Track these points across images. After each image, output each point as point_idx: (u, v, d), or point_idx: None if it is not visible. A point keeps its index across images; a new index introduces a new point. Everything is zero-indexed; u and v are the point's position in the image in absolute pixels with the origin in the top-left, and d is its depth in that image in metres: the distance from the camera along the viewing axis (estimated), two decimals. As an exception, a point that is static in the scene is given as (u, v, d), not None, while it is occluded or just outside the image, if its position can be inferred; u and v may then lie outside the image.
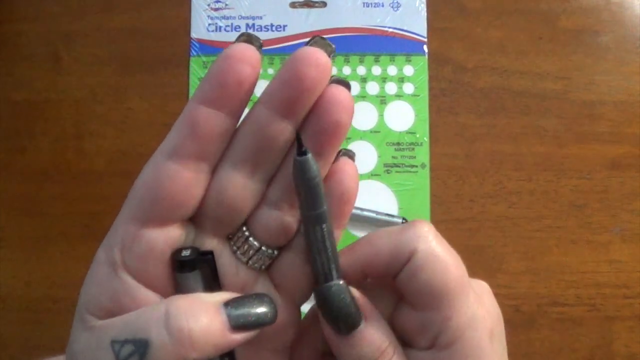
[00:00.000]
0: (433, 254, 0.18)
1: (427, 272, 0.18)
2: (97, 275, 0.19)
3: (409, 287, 0.19)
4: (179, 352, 0.16)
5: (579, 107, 0.47)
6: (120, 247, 0.18)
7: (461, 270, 0.19)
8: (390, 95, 0.47)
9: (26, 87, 0.48)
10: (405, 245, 0.19)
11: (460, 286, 0.18)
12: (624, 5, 0.48)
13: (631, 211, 0.46)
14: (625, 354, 0.44)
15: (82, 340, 0.18)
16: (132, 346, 0.16)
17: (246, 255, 0.20)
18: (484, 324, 0.18)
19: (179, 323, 0.16)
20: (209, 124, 0.17)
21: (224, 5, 0.48)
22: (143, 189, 0.19)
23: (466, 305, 0.18)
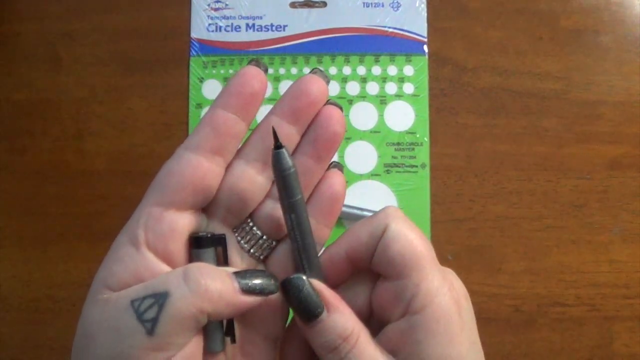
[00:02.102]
0: (401, 229, 0.21)
1: (397, 243, 0.21)
2: (119, 253, 0.20)
3: (383, 260, 0.21)
4: (196, 303, 0.18)
5: (579, 107, 0.47)
6: (144, 228, 0.20)
7: (428, 249, 0.21)
8: (390, 95, 0.47)
9: (26, 87, 0.48)
10: (378, 224, 0.22)
11: (427, 258, 0.21)
12: (624, 5, 0.48)
13: (631, 211, 0.46)
14: (625, 354, 0.44)
15: (97, 310, 0.19)
16: (151, 299, 0.18)
17: (249, 244, 0.23)
18: (450, 296, 0.20)
19: (197, 278, 0.19)
20: (227, 124, 0.21)
21: (224, 5, 0.48)
22: (167, 177, 0.21)
23: (434, 275, 0.20)
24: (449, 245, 0.45)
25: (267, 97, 0.47)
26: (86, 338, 0.19)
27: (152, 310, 0.18)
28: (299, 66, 0.47)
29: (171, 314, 0.18)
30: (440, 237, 0.45)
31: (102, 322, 0.19)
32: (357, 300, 0.22)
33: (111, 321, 0.19)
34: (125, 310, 0.18)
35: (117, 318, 0.18)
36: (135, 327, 0.18)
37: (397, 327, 0.20)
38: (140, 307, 0.18)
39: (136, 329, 0.18)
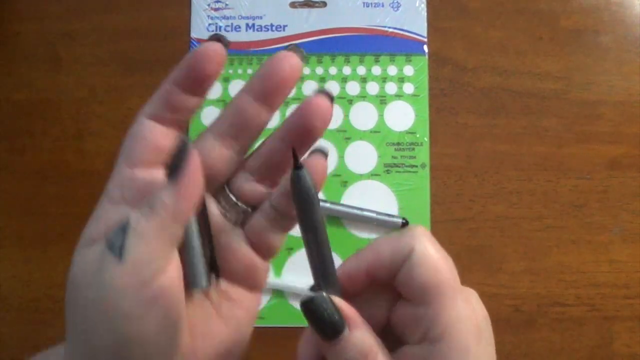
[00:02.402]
0: (428, 254, 0.20)
1: (421, 269, 0.20)
2: (99, 212, 0.22)
3: (406, 283, 0.20)
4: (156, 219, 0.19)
5: (579, 107, 0.47)
6: (120, 187, 0.21)
7: (452, 273, 0.21)
8: (390, 95, 0.47)
9: (26, 87, 0.48)
10: (403, 246, 0.21)
11: (450, 286, 0.20)
12: (624, 5, 0.48)
13: (631, 211, 0.46)
14: (625, 354, 0.44)
15: (80, 259, 0.20)
16: (114, 233, 0.19)
17: (224, 209, 0.24)
18: (471, 323, 0.20)
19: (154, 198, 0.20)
20: (179, 99, 0.23)
21: (224, 5, 0.48)
22: (129, 140, 0.23)
23: (455, 304, 0.20)
24: (449, 245, 0.45)
25: (267, 97, 0.47)
26: (69, 283, 0.20)
27: (118, 239, 0.19)
28: (299, 66, 0.47)
29: (134, 235, 0.19)
30: (440, 237, 0.45)
31: (81, 265, 0.20)
32: (375, 314, 0.22)
33: (89, 262, 0.20)
34: (101, 248, 0.19)
35: (95, 257, 0.19)
36: (107, 258, 0.19)
37: (414, 351, 0.20)
38: (110, 240, 0.19)
39: (108, 260, 0.19)
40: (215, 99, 0.47)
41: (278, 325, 0.45)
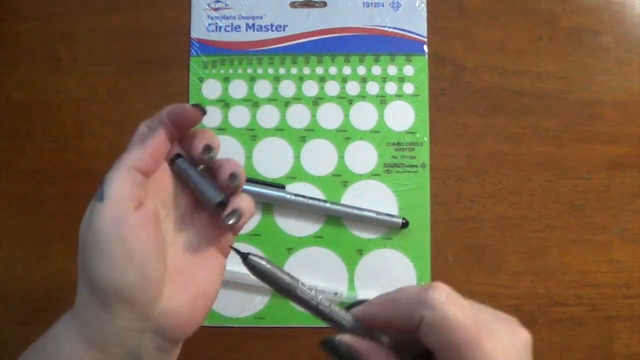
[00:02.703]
0: (438, 322, 0.21)
1: (434, 336, 0.21)
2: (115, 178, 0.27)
3: (426, 343, 0.22)
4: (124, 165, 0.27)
5: (579, 107, 0.47)
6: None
7: (468, 328, 0.21)
8: (390, 95, 0.47)
9: (26, 87, 0.48)
10: (414, 312, 0.22)
11: (468, 342, 0.21)
12: (624, 5, 0.48)
13: (631, 211, 0.46)
14: (625, 354, 0.44)
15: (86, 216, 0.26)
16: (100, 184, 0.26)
17: None
18: None
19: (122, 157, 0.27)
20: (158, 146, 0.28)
21: (224, 5, 0.48)
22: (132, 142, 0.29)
23: (477, 353, 0.21)
24: (449, 246, 0.45)
25: (268, 97, 0.47)
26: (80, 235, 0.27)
27: (99, 190, 0.26)
28: (299, 66, 0.47)
29: (109, 183, 0.26)
30: (440, 237, 0.45)
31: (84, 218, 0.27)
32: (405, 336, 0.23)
33: (86, 212, 0.26)
34: (90, 205, 0.26)
35: (87, 212, 0.26)
36: (94, 203, 0.26)
37: None
38: (97, 192, 0.26)
39: (94, 205, 0.25)
40: (216, 99, 0.47)
41: (278, 325, 0.45)
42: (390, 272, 0.45)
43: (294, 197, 0.45)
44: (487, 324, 0.22)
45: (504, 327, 0.23)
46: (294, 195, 0.45)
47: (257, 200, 0.45)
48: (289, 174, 0.46)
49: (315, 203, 0.45)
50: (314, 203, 0.45)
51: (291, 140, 0.47)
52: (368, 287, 0.45)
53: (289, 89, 0.47)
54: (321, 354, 0.47)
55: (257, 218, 0.46)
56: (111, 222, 0.25)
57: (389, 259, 0.45)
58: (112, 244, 0.25)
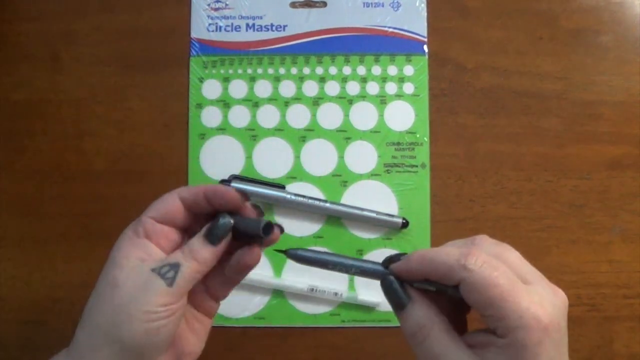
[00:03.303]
0: (475, 283, 0.24)
1: (472, 295, 0.24)
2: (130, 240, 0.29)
3: (466, 300, 0.24)
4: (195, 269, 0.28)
5: (579, 107, 0.47)
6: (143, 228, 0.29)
7: (502, 285, 0.24)
8: (390, 95, 0.47)
9: (26, 87, 0.48)
10: (452, 275, 0.24)
11: (502, 297, 0.23)
12: (624, 5, 0.48)
13: (631, 211, 0.46)
14: (625, 354, 0.44)
15: (122, 271, 0.27)
16: (168, 267, 0.27)
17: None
18: (533, 322, 0.23)
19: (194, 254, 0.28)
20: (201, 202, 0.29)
21: (224, 5, 0.48)
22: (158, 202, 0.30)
23: (513, 311, 0.23)
24: (449, 245, 0.45)
25: (268, 97, 0.47)
26: (112, 288, 0.27)
27: (171, 273, 0.27)
28: (299, 66, 0.47)
29: (183, 274, 0.27)
30: (440, 237, 0.45)
31: (127, 278, 0.27)
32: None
33: (136, 279, 0.27)
34: (148, 273, 0.27)
35: (141, 278, 0.27)
36: (159, 281, 0.27)
37: (480, 336, 0.25)
38: (161, 271, 0.27)
39: (159, 283, 0.27)
40: (216, 99, 0.47)
41: (278, 325, 0.45)
42: (390, 272, 0.45)
43: (294, 197, 0.45)
44: (523, 279, 0.25)
45: (545, 287, 0.25)
46: (294, 195, 0.45)
47: (257, 200, 0.45)
48: (289, 174, 0.46)
49: (315, 203, 0.45)
50: (314, 203, 0.45)
51: (291, 140, 0.47)
52: (368, 287, 0.45)
53: (289, 89, 0.47)
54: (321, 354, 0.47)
55: (257, 218, 0.46)
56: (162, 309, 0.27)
57: (389, 259, 0.45)
58: (160, 323, 0.27)
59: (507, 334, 0.23)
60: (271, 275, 0.45)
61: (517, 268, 0.26)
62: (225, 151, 0.46)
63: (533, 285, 0.25)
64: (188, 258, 0.28)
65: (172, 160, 0.46)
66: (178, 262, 0.27)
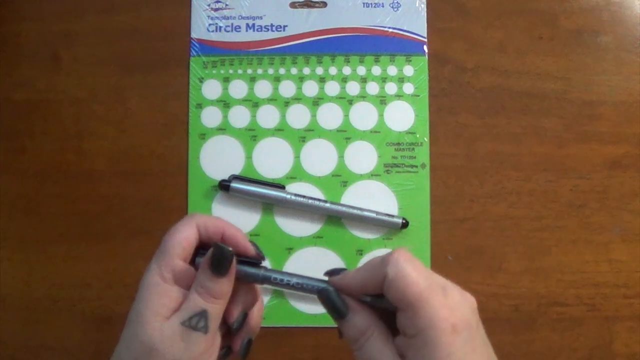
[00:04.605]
0: (396, 278, 0.25)
1: (391, 291, 0.26)
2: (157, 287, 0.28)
3: (388, 297, 0.26)
4: (219, 310, 0.28)
5: (579, 107, 0.47)
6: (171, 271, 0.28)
7: (421, 286, 0.25)
8: (390, 95, 0.47)
9: (26, 87, 0.48)
10: (379, 271, 0.26)
11: (419, 298, 0.25)
12: (624, 5, 0.48)
13: (631, 211, 0.46)
14: (625, 354, 0.44)
15: (154, 333, 0.27)
16: (197, 317, 0.27)
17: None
18: (444, 323, 0.24)
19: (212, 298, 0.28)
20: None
21: (224, 5, 0.48)
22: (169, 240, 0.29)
23: (427, 310, 0.25)
24: (449, 246, 0.45)
25: (268, 97, 0.47)
26: (149, 349, 0.27)
27: (202, 322, 0.27)
28: (299, 66, 0.47)
29: (213, 316, 0.28)
30: (440, 237, 0.45)
31: (163, 338, 0.27)
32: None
33: (173, 338, 0.27)
34: (180, 329, 0.27)
35: (176, 335, 0.27)
36: (195, 334, 0.27)
37: (400, 341, 0.26)
38: (191, 323, 0.27)
39: (196, 335, 0.27)
40: (216, 99, 0.47)
41: (278, 325, 0.45)
42: (390, 272, 0.45)
43: (294, 197, 0.45)
44: (440, 285, 0.26)
45: (455, 289, 0.26)
46: (294, 195, 0.45)
47: (257, 200, 0.45)
48: (289, 174, 0.46)
49: (315, 203, 0.45)
50: (314, 203, 0.45)
51: (291, 140, 0.47)
52: (368, 287, 0.45)
53: (289, 89, 0.47)
54: (321, 354, 0.47)
55: (257, 218, 0.46)
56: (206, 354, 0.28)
57: (389, 259, 0.45)
58: None
59: (417, 334, 0.25)
60: (271, 275, 0.45)
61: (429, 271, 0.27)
62: (225, 151, 0.47)
63: (445, 288, 0.26)
64: (209, 299, 0.28)
65: (172, 160, 0.46)
66: (204, 309, 0.28)
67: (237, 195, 0.45)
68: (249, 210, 0.46)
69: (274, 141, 0.47)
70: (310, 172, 0.46)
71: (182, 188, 0.46)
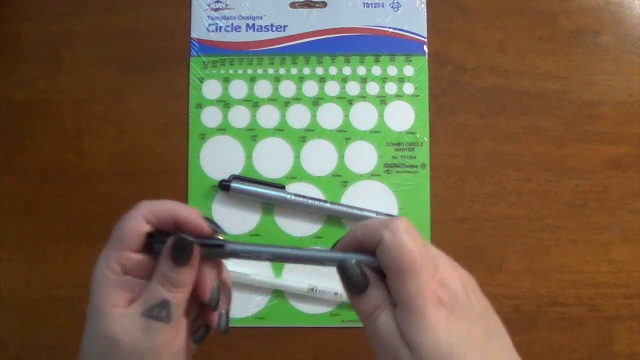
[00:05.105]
0: (391, 242, 0.26)
1: (385, 255, 0.26)
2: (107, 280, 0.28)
3: (380, 262, 0.26)
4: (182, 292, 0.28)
5: (579, 107, 0.47)
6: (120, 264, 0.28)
7: (415, 255, 0.25)
8: (390, 95, 0.47)
9: (26, 87, 0.48)
10: (375, 234, 0.26)
11: (410, 268, 0.25)
12: (624, 5, 0.48)
13: (631, 211, 0.46)
14: (625, 354, 0.44)
15: (115, 322, 0.27)
16: (158, 307, 0.27)
17: None
18: (431, 294, 0.25)
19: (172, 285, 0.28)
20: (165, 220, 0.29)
21: (224, 5, 0.48)
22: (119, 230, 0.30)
23: (415, 280, 0.25)
24: (449, 246, 0.45)
25: (268, 98, 0.47)
26: (111, 342, 0.27)
27: (163, 312, 0.27)
28: (299, 66, 0.47)
29: (175, 305, 0.27)
30: (440, 237, 0.45)
31: (124, 329, 0.27)
32: None
33: (133, 328, 0.27)
34: (140, 319, 0.27)
35: (137, 326, 0.27)
36: (156, 324, 0.27)
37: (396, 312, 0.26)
38: (152, 313, 0.27)
39: (158, 325, 0.27)
40: (216, 99, 0.47)
41: (278, 325, 0.45)
42: (390, 272, 0.45)
43: (294, 197, 0.45)
44: (433, 257, 0.26)
45: (448, 264, 0.27)
46: (294, 195, 0.45)
47: (257, 200, 0.45)
48: (289, 174, 0.46)
49: (315, 203, 0.45)
50: (314, 203, 0.45)
51: (291, 140, 0.47)
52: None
53: (289, 89, 0.47)
54: (321, 354, 0.47)
55: (257, 218, 0.46)
56: (170, 344, 0.27)
57: (389, 259, 0.45)
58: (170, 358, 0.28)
59: (404, 301, 0.25)
60: (271, 275, 0.45)
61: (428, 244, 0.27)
62: (225, 151, 0.47)
63: (438, 261, 0.26)
64: (171, 289, 0.27)
65: (172, 160, 0.46)
66: (166, 299, 0.27)
67: (237, 195, 0.45)
68: (249, 210, 0.46)
69: (274, 141, 0.47)
70: (310, 172, 0.46)
71: (182, 188, 0.46)
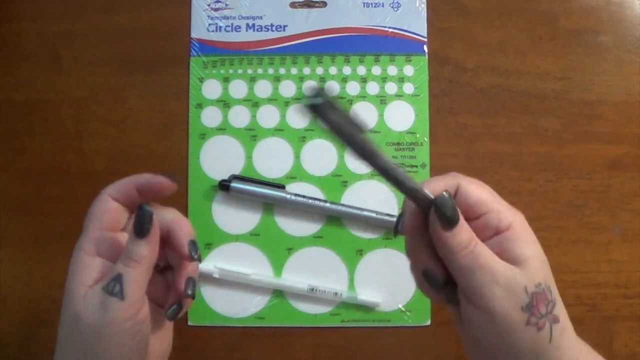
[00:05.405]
0: (470, 183, 0.29)
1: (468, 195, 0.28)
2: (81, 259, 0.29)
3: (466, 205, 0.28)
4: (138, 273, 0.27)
5: (579, 107, 0.47)
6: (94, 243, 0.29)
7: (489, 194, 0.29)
8: (390, 95, 0.47)
9: (26, 87, 0.48)
10: (451, 184, 0.28)
11: (497, 197, 0.29)
12: (624, 5, 0.48)
13: (631, 211, 0.46)
14: (625, 354, 0.44)
15: (80, 301, 0.27)
16: (113, 282, 0.27)
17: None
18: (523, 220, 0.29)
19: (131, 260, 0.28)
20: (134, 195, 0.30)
21: (224, 5, 0.48)
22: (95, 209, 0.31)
23: (505, 208, 0.29)
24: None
25: (268, 98, 0.47)
26: (74, 320, 0.27)
27: (117, 287, 0.27)
28: (299, 66, 0.47)
29: (129, 281, 0.27)
30: (440, 237, 0.45)
31: (86, 306, 0.27)
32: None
33: (94, 303, 0.27)
34: (100, 294, 0.27)
35: (96, 301, 0.27)
36: (111, 299, 0.27)
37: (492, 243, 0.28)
38: (108, 288, 0.27)
39: (112, 300, 0.27)
40: (216, 99, 0.47)
41: (278, 325, 0.45)
42: (390, 272, 0.45)
43: (294, 197, 0.45)
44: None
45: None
46: (294, 195, 0.45)
47: (257, 200, 0.45)
48: (289, 174, 0.46)
49: (315, 203, 0.45)
50: (314, 203, 0.45)
51: (291, 140, 0.47)
52: (368, 287, 0.45)
53: (289, 89, 0.47)
54: (321, 354, 0.47)
55: (257, 218, 0.46)
56: (126, 322, 0.27)
57: (389, 259, 0.45)
58: (127, 337, 0.27)
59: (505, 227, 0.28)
60: (271, 275, 0.45)
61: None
62: (225, 151, 0.47)
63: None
64: (127, 262, 0.27)
65: (172, 160, 0.46)
66: (119, 273, 0.27)
67: (237, 195, 0.45)
68: (249, 210, 0.46)
69: (274, 141, 0.47)
70: (310, 172, 0.46)
71: (182, 188, 0.46)
